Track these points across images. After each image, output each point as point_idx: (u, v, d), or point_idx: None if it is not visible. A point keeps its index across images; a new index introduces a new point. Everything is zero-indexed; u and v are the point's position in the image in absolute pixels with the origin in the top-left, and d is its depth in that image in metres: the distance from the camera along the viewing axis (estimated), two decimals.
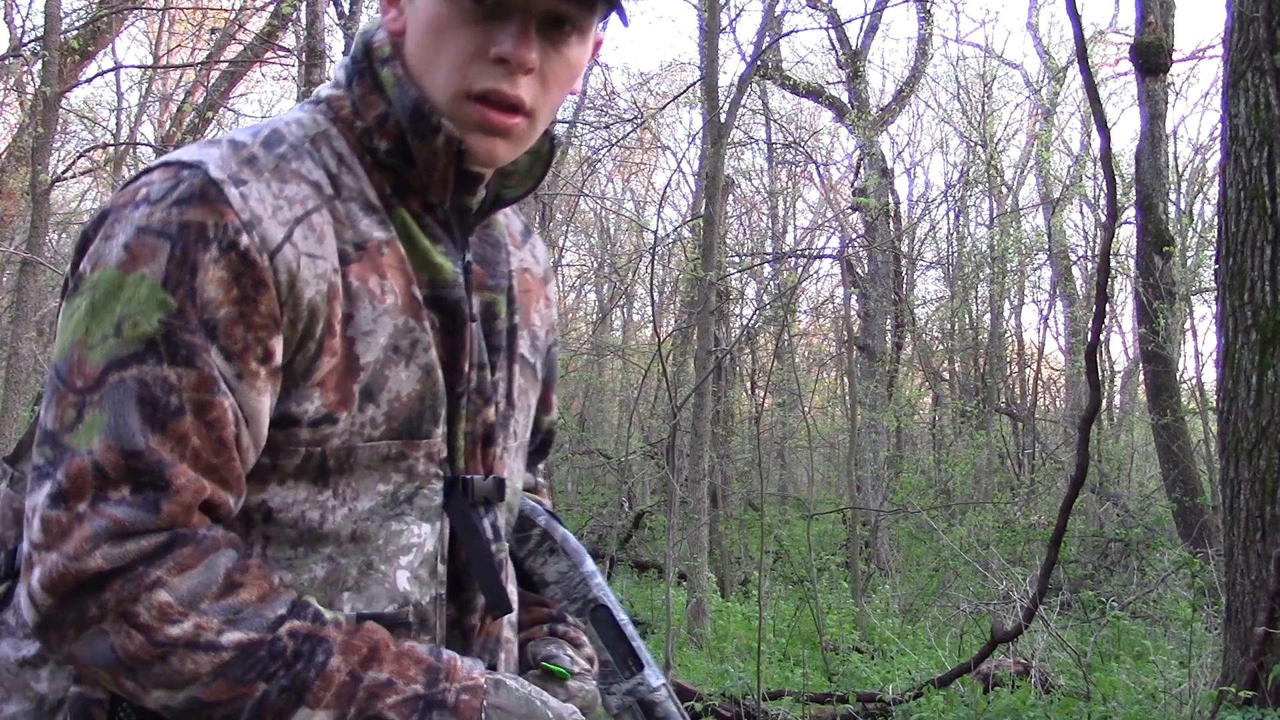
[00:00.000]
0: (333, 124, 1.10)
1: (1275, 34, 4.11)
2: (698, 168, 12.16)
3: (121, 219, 0.98)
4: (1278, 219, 4.07)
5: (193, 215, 0.96)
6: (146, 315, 0.94)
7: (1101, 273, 5.68)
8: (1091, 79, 5.75)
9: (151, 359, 0.94)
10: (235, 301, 0.96)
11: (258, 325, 0.97)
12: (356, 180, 1.07)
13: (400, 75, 1.08)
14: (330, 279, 1.01)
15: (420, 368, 1.06)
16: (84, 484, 0.93)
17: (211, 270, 0.96)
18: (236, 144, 1.04)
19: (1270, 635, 3.87)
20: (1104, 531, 11.25)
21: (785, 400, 13.70)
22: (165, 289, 0.94)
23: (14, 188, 10.47)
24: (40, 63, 9.02)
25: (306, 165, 1.05)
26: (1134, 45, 10.08)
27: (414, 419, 1.06)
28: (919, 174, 23.45)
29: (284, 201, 1.01)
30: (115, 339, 0.94)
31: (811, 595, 8.20)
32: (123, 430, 0.93)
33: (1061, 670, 5.89)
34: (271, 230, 0.98)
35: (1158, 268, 9.67)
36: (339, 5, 10.17)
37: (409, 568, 1.06)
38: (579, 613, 1.28)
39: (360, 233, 1.05)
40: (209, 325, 0.95)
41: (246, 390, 0.97)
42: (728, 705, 5.39)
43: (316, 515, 1.02)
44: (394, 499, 1.06)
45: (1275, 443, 3.98)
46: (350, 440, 1.02)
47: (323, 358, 1.01)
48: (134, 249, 0.96)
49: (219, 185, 0.98)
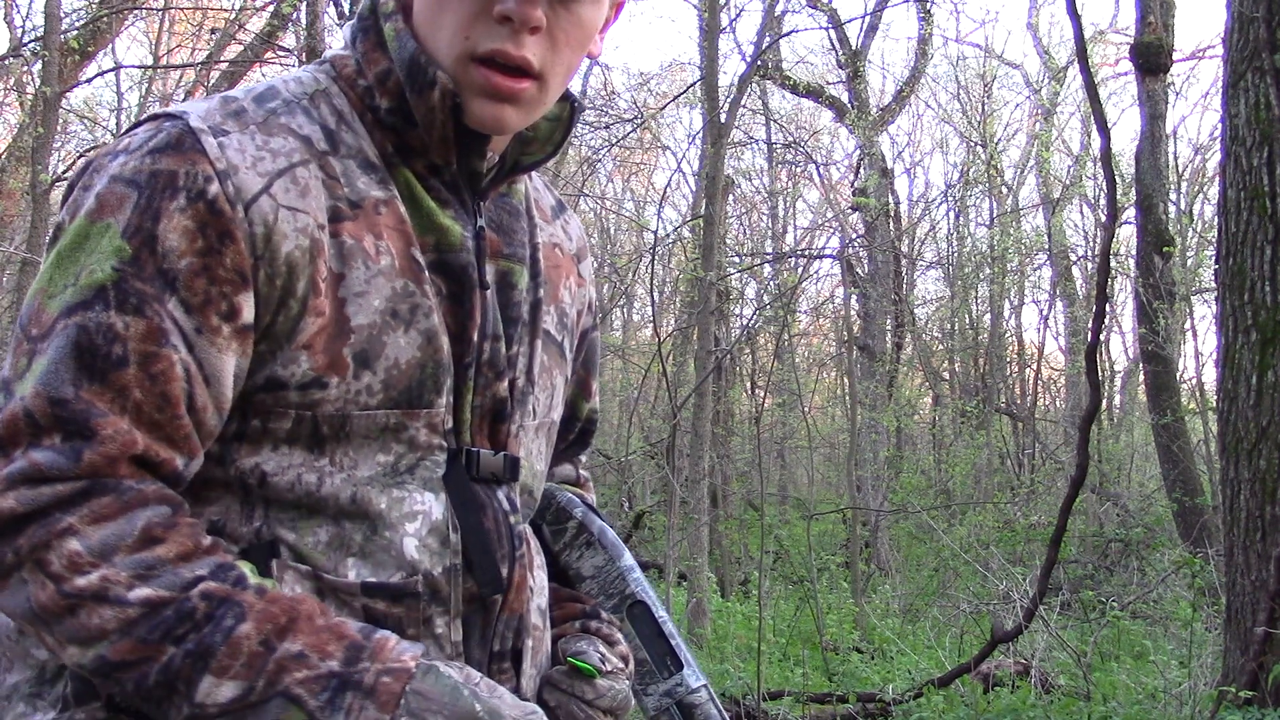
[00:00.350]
0: (334, 82, 1.06)
1: (1275, 34, 4.11)
2: (698, 168, 12.16)
3: (100, 169, 0.96)
4: (1278, 219, 4.06)
5: (165, 164, 0.94)
6: (101, 263, 0.92)
7: (1101, 273, 5.68)
8: (1091, 79, 5.75)
9: (99, 305, 0.91)
10: (199, 253, 0.93)
11: (222, 279, 0.94)
12: (356, 139, 1.03)
13: (401, 29, 1.04)
14: (314, 235, 0.97)
15: (421, 333, 1.01)
16: (17, 430, 0.90)
17: (176, 219, 0.92)
18: (228, 98, 1.01)
19: (1270, 635, 3.87)
20: (1104, 531, 11.25)
21: (785, 400, 13.70)
22: (124, 236, 0.92)
23: (14, 188, 10.47)
24: (40, 63, 9.02)
25: (298, 120, 1.01)
26: (1134, 45, 10.07)
27: (414, 387, 1.01)
28: (919, 174, 23.49)
29: (266, 154, 0.97)
30: (72, 288, 0.92)
31: (811, 595, 8.20)
32: (53, 379, 0.90)
33: (1061, 670, 5.89)
34: (248, 181, 0.95)
35: (1158, 268, 9.67)
36: (339, 5, 10.17)
37: (416, 535, 1.01)
38: (616, 609, 1.23)
39: (357, 190, 1.01)
40: (168, 275, 0.92)
41: (206, 346, 0.93)
42: (728, 705, 5.39)
43: (314, 479, 0.99)
44: (394, 469, 1.01)
45: (1275, 443, 3.98)
46: (345, 408, 0.98)
47: (307, 318, 0.97)
48: (104, 198, 0.94)
49: (196, 134, 0.95)
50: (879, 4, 14.26)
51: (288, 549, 0.98)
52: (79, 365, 0.90)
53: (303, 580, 0.97)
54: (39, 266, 6.32)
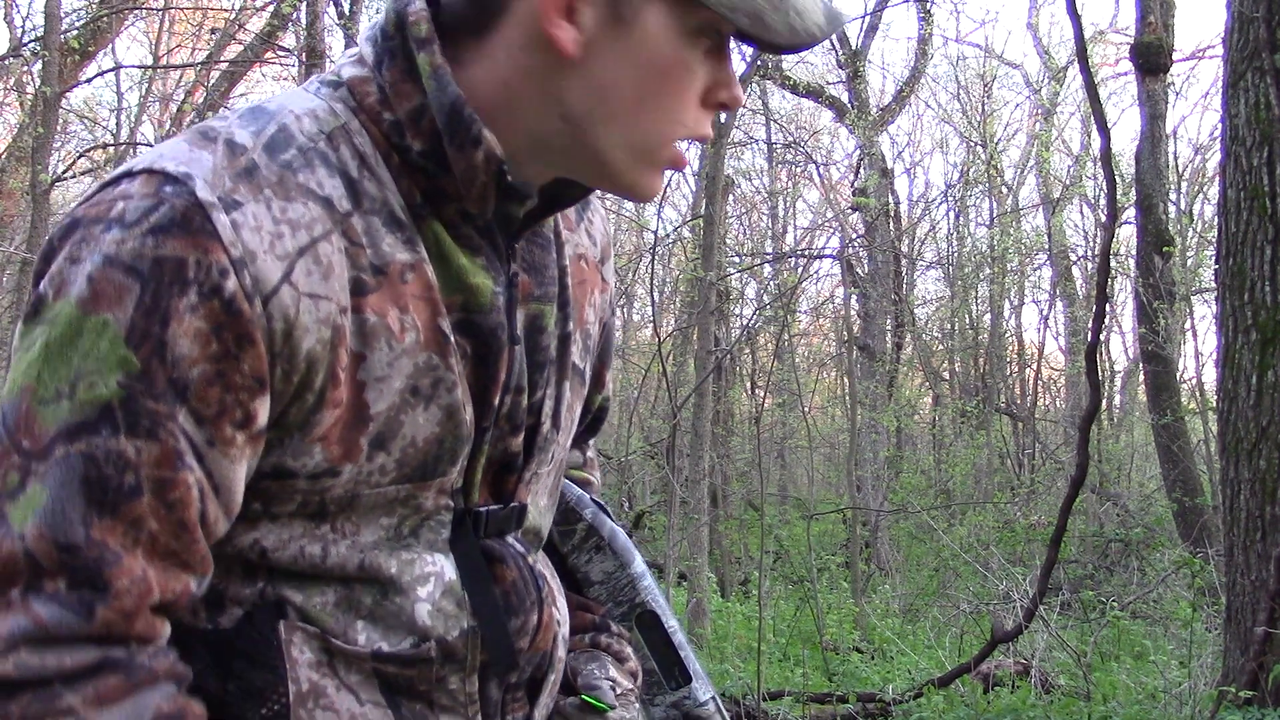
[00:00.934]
0: (354, 115, 0.91)
1: (1275, 34, 4.11)
2: (698, 168, 12.15)
3: (90, 239, 0.81)
4: (1278, 219, 4.06)
5: (171, 249, 0.79)
6: (104, 375, 0.79)
7: (1101, 273, 5.68)
8: (1091, 79, 5.74)
9: (106, 429, 0.79)
10: (213, 359, 0.81)
11: (238, 386, 0.82)
12: (380, 187, 0.90)
13: (439, 66, 0.89)
14: (336, 322, 0.85)
15: (442, 409, 0.92)
16: (15, 571, 0.79)
17: (187, 320, 0.79)
18: (234, 146, 0.85)
19: (1270, 635, 3.87)
20: (1104, 531, 11.25)
21: (785, 400, 13.70)
22: (129, 344, 0.79)
23: (14, 188, 10.47)
24: (40, 63, 9.02)
25: (318, 175, 0.87)
26: (1134, 45, 10.07)
27: (429, 462, 0.93)
28: (919, 174, 23.46)
29: (285, 228, 0.84)
30: (68, 401, 0.79)
31: (811, 595, 8.20)
32: (59, 519, 0.79)
33: (1061, 670, 5.89)
34: (267, 269, 0.82)
35: (1158, 268, 9.66)
36: (339, 5, 10.17)
37: (429, 599, 0.95)
38: (624, 617, 1.18)
39: (381, 254, 0.88)
40: (178, 385, 0.80)
41: (218, 458, 0.83)
42: (728, 705, 5.38)
43: (317, 550, 0.91)
44: (398, 532, 0.94)
45: (1275, 443, 3.98)
46: (355, 489, 0.91)
47: (323, 411, 0.87)
48: (98, 285, 0.79)
49: (206, 211, 0.81)
50: (879, 4, 14.26)
51: (294, 610, 0.91)
52: (88, 500, 0.79)
53: (310, 641, 0.91)
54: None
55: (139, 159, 0.86)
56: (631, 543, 1.21)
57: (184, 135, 0.87)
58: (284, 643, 0.90)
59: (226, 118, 0.89)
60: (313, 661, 0.91)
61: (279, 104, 0.90)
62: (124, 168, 0.85)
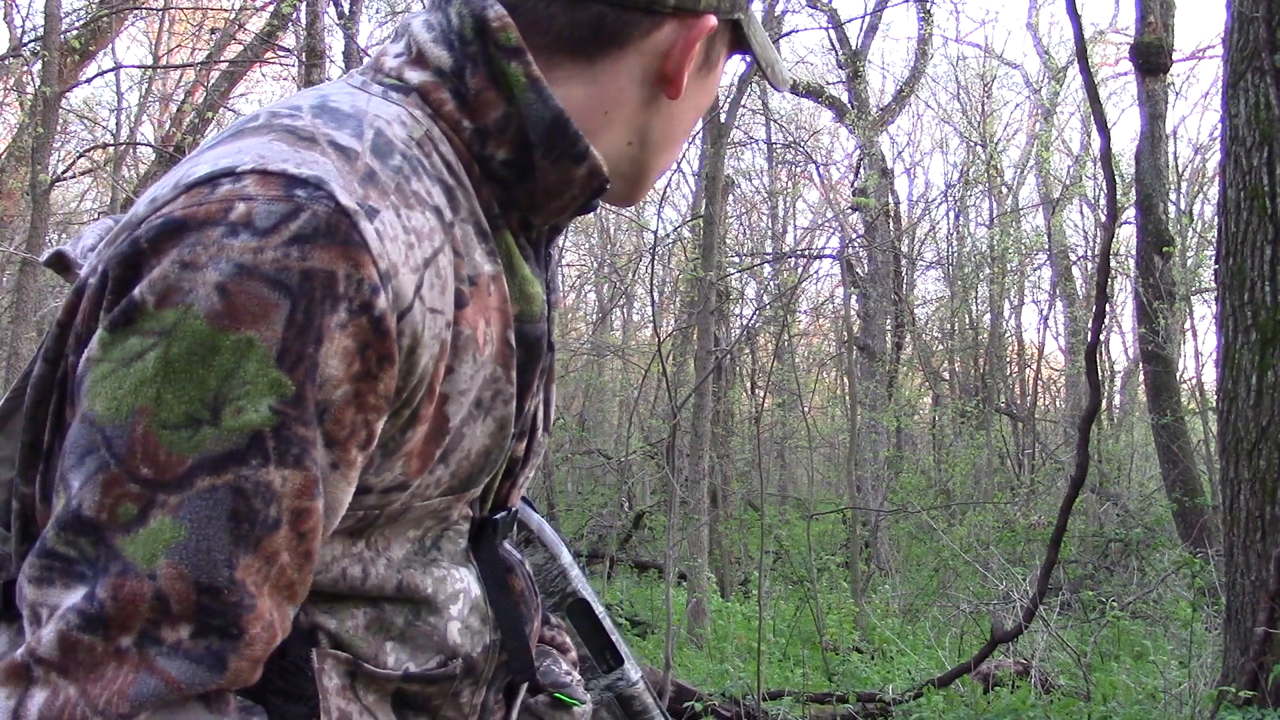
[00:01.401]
0: (434, 122, 0.87)
1: (1275, 34, 4.11)
2: (698, 168, 12.15)
3: (210, 244, 0.72)
4: (1278, 219, 4.06)
5: (320, 261, 0.73)
6: (254, 400, 0.72)
7: (1101, 273, 5.68)
8: (1091, 79, 5.74)
9: (256, 459, 0.72)
10: (355, 379, 0.75)
11: (370, 407, 0.77)
12: (468, 197, 0.87)
13: (536, 77, 0.87)
14: (443, 336, 0.82)
15: (496, 420, 0.90)
16: (134, 613, 0.70)
17: (337, 339, 0.73)
18: (344, 149, 0.79)
19: (1270, 635, 3.87)
20: (1104, 531, 11.26)
21: (785, 400, 13.70)
22: (280, 365, 0.72)
23: (14, 188, 10.47)
24: (40, 63, 9.02)
25: (425, 184, 0.83)
26: (1134, 45, 10.07)
27: (475, 474, 0.91)
28: (919, 174, 23.52)
29: (413, 238, 0.79)
30: (211, 428, 0.71)
31: (811, 595, 8.20)
32: (203, 558, 0.71)
33: (1061, 670, 5.89)
34: (405, 283, 0.77)
35: (1158, 268, 9.67)
36: (339, 5, 10.18)
37: (460, 618, 0.94)
38: (555, 607, 1.22)
39: (474, 264, 0.86)
40: (320, 407, 0.74)
41: (338, 481, 0.78)
42: (728, 705, 5.39)
43: (358, 571, 0.88)
44: (422, 545, 0.93)
45: (1275, 443, 3.98)
46: (410, 501, 0.88)
47: (416, 427, 0.83)
48: (236, 299, 0.71)
49: (353, 219, 0.74)
50: (879, 4, 14.26)
51: (327, 636, 0.88)
52: (234, 536, 0.72)
53: (338, 667, 0.88)
54: (38, 267, 6.08)
55: (231, 159, 0.77)
56: (557, 535, 1.23)
57: (266, 134, 0.80)
58: (317, 672, 0.87)
59: (299, 116, 0.82)
60: (340, 687, 0.88)
61: (353, 105, 0.85)
62: (209, 169, 0.76)
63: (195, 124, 11.16)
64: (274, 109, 0.84)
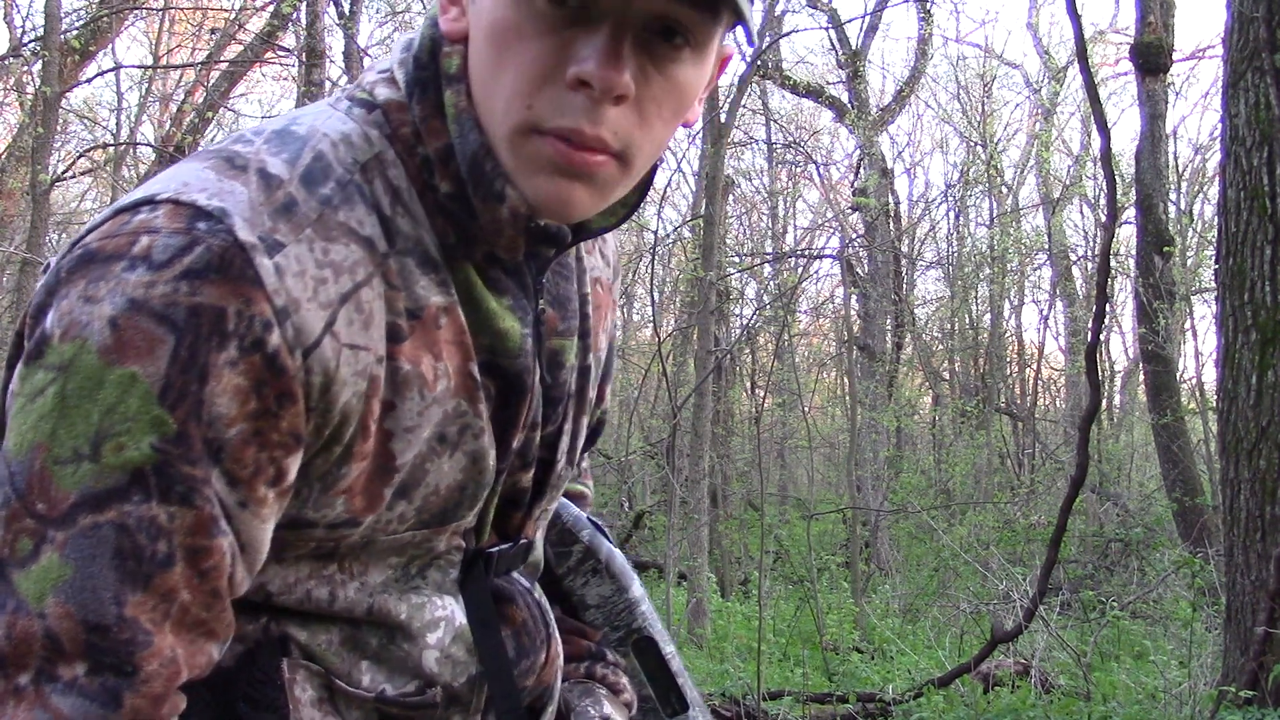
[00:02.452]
0: (390, 144, 0.84)
1: (1275, 34, 4.11)
2: (698, 168, 12.15)
3: (109, 278, 0.72)
4: (1278, 219, 4.06)
5: (209, 297, 0.71)
6: (135, 437, 0.71)
7: (1101, 273, 5.68)
8: (1091, 79, 5.74)
9: (138, 495, 0.71)
10: (251, 417, 0.73)
11: (274, 444, 0.75)
12: (415, 225, 0.83)
13: (463, 108, 0.82)
14: (373, 372, 0.79)
15: (467, 455, 0.86)
16: (28, 652, 0.70)
17: (226, 377, 0.72)
18: (269, 178, 0.78)
19: (1270, 635, 3.87)
20: (1104, 531, 11.26)
21: (785, 400, 13.70)
22: (162, 403, 0.71)
23: (14, 188, 10.47)
24: (40, 63, 9.02)
25: (358, 212, 0.80)
26: (1134, 45, 10.07)
27: (449, 509, 0.88)
28: (919, 174, 23.49)
29: (328, 272, 0.77)
30: (91, 464, 0.71)
31: (811, 595, 8.20)
32: (89, 597, 0.70)
33: (1061, 670, 5.89)
34: (310, 319, 0.75)
35: (1158, 268, 9.67)
36: (339, 5, 10.18)
37: (438, 646, 0.91)
38: (621, 642, 1.14)
39: (416, 297, 0.82)
40: (213, 446, 0.73)
41: (249, 519, 0.76)
42: (728, 705, 5.39)
43: (324, 593, 0.86)
44: (405, 572, 0.90)
45: (1275, 443, 3.98)
46: (372, 535, 0.86)
47: (351, 464, 0.81)
48: (124, 333, 0.71)
49: (248, 254, 0.73)
50: (879, 4, 14.26)
51: (298, 647, 0.87)
52: (120, 573, 0.71)
53: (313, 679, 0.87)
54: (38, 267, 5.98)
55: (159, 185, 0.77)
56: (629, 565, 1.17)
57: (206, 160, 0.79)
58: (287, 681, 0.85)
59: (252, 141, 0.81)
60: (315, 699, 0.87)
61: (310, 126, 0.83)
62: (141, 194, 0.77)
63: (195, 124, 11.16)
64: (248, 129, 0.84)
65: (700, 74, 0.83)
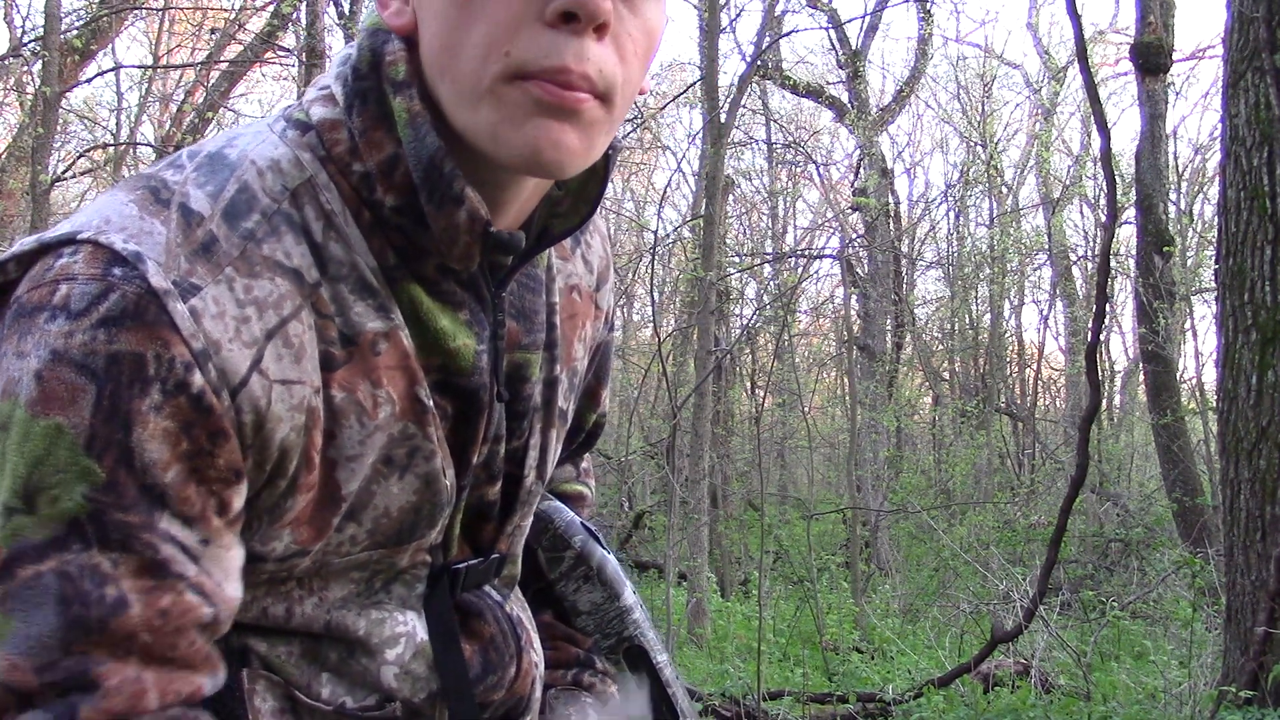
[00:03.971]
0: (323, 165, 0.82)
1: (1275, 34, 4.11)
2: (698, 168, 12.16)
3: (34, 330, 0.72)
4: (1278, 219, 4.06)
5: (125, 344, 0.71)
6: (67, 488, 0.70)
7: (1101, 273, 5.68)
8: (1091, 79, 5.74)
9: (77, 544, 0.71)
10: (185, 457, 0.73)
11: (214, 479, 0.75)
12: (348, 250, 0.81)
13: (417, 112, 0.80)
14: (311, 404, 0.79)
15: (419, 477, 0.86)
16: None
17: (152, 423, 0.71)
18: (189, 214, 0.76)
19: (1270, 635, 3.87)
20: (1104, 531, 11.26)
21: (785, 400, 13.70)
22: (89, 454, 0.70)
23: (14, 188, 10.48)
24: (40, 63, 9.02)
25: (285, 244, 0.79)
26: (1134, 45, 10.07)
27: (404, 530, 0.87)
28: (919, 174, 23.51)
29: (251, 310, 0.76)
30: (26, 516, 0.71)
31: (811, 595, 8.20)
32: (35, 644, 0.70)
33: (1061, 670, 5.89)
34: (233, 359, 0.74)
35: (1158, 268, 9.67)
36: (339, 5, 10.17)
37: (398, 662, 0.90)
38: (612, 650, 1.14)
39: (351, 324, 0.81)
40: (153, 492, 0.72)
41: (216, 553, 0.76)
42: (728, 705, 5.39)
43: (281, 609, 0.86)
44: (369, 587, 0.90)
45: (1275, 443, 3.98)
46: (324, 559, 0.85)
47: (296, 496, 0.80)
48: (47, 385, 0.70)
49: (161, 300, 0.72)
50: (879, 4, 14.26)
51: (258, 658, 0.87)
52: (65, 619, 0.71)
53: (273, 689, 0.87)
54: None
55: (84, 219, 0.76)
56: (622, 572, 1.16)
57: (134, 191, 0.78)
58: (247, 692, 0.85)
59: (183, 167, 0.80)
60: (275, 710, 0.87)
61: (240, 152, 0.82)
62: (67, 229, 0.76)
63: (195, 124, 11.16)
64: (186, 150, 0.83)
65: (661, 16, 0.83)
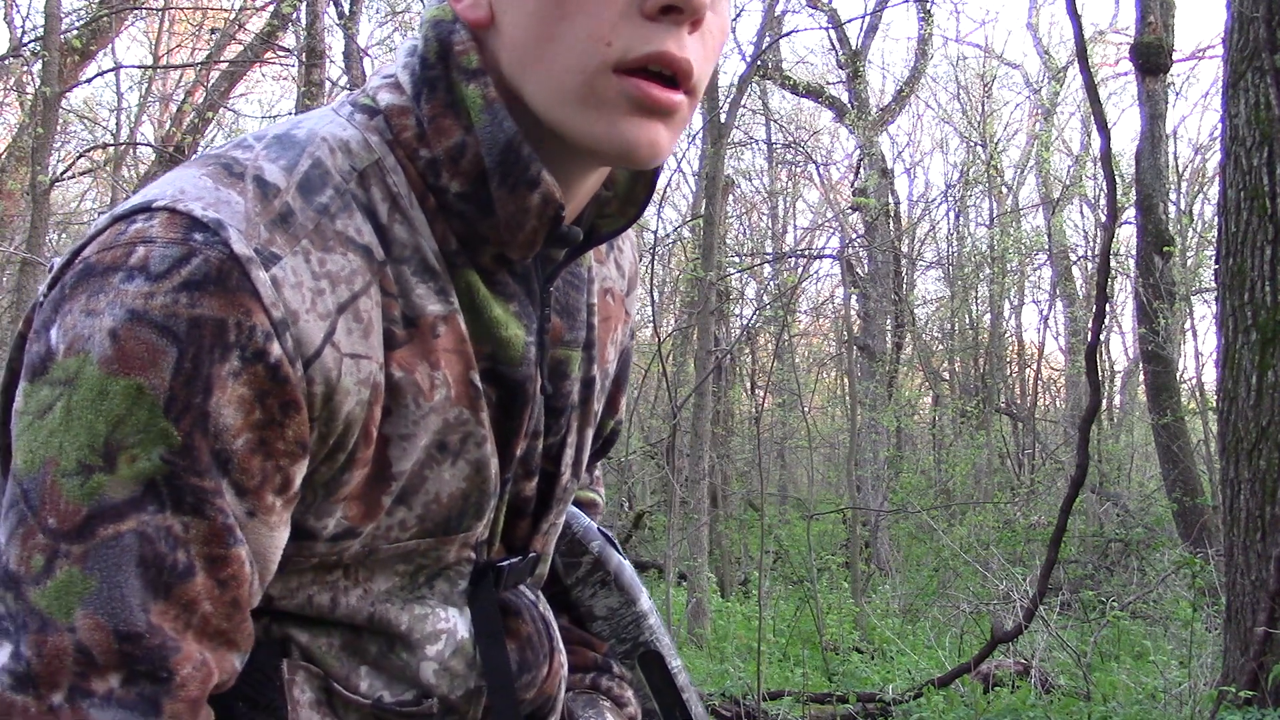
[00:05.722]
0: (390, 150, 0.83)
1: (1275, 34, 4.11)
2: (698, 168, 12.16)
3: (108, 289, 0.72)
4: (1278, 219, 4.06)
5: (208, 309, 0.71)
6: (145, 449, 0.71)
7: (1101, 273, 5.68)
8: (1091, 79, 5.74)
9: (152, 505, 0.71)
10: (256, 426, 0.74)
11: (280, 453, 0.75)
12: (412, 233, 0.83)
13: (493, 99, 0.82)
14: (375, 380, 0.79)
15: (470, 464, 0.87)
16: (61, 669, 0.69)
17: (230, 388, 0.72)
18: (266, 186, 0.77)
19: (1270, 635, 3.87)
20: (1104, 531, 11.26)
21: (785, 400, 13.71)
22: (168, 415, 0.71)
23: (14, 188, 10.48)
24: (40, 63, 9.02)
25: (356, 222, 0.80)
26: (1134, 45, 10.07)
27: (453, 518, 0.88)
28: (919, 174, 23.54)
29: (325, 283, 0.77)
30: (106, 475, 0.71)
31: (811, 595, 8.20)
32: (119, 605, 0.70)
33: (1061, 670, 5.89)
34: (309, 331, 0.75)
35: (1158, 268, 9.67)
36: (339, 5, 10.18)
37: (437, 659, 0.91)
38: (627, 655, 1.14)
39: (413, 305, 0.82)
40: (221, 457, 0.73)
41: (258, 528, 0.77)
42: (728, 705, 5.39)
43: (326, 599, 0.86)
44: (413, 580, 0.90)
45: (1275, 443, 3.98)
46: (373, 544, 0.86)
47: (353, 471, 0.81)
48: (126, 346, 0.70)
49: (244, 267, 0.73)
50: (879, 4, 14.26)
51: (298, 648, 0.87)
52: (144, 581, 0.71)
53: (312, 680, 0.87)
54: (38, 267, 5.97)
55: (156, 192, 0.77)
56: (638, 578, 1.17)
57: (204, 166, 0.79)
58: (286, 682, 0.85)
59: (252, 146, 0.81)
60: (313, 701, 0.87)
61: (309, 131, 0.83)
62: (139, 200, 0.76)
63: (195, 124, 11.16)
64: (251, 134, 0.84)
65: (730, 16, 0.85)
